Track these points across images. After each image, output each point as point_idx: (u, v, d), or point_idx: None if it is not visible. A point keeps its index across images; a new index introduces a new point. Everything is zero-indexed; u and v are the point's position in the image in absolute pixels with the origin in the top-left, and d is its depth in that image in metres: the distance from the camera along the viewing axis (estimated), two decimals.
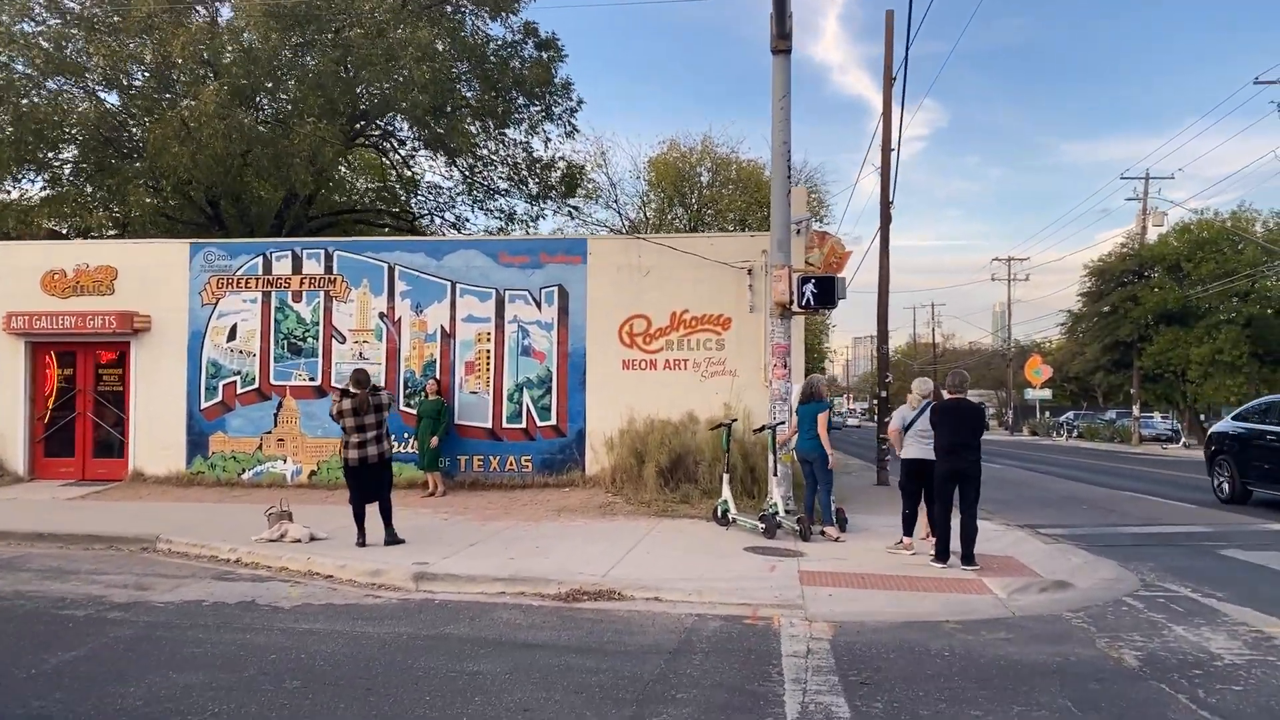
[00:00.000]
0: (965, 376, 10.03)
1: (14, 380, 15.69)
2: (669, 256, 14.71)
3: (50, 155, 18.19)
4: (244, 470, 15.31)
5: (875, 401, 21.37)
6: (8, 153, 16.93)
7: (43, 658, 6.20)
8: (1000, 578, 8.91)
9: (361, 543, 10.16)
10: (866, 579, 8.90)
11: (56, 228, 20.19)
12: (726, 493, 11.88)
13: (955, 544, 9.49)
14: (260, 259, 15.48)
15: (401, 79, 19.47)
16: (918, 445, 10.35)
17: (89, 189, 18.50)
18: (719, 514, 11.88)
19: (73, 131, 17.92)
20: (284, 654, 6.32)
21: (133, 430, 15.58)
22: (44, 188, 18.47)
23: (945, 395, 10.04)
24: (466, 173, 24.11)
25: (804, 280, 12.53)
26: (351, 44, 18.18)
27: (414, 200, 26.86)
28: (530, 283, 14.97)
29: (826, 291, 12.48)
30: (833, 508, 11.42)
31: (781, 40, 12.55)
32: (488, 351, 15.03)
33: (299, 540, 10.37)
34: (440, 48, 21.65)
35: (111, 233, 20.54)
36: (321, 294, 15.35)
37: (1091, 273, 46.03)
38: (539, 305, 14.97)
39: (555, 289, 14.94)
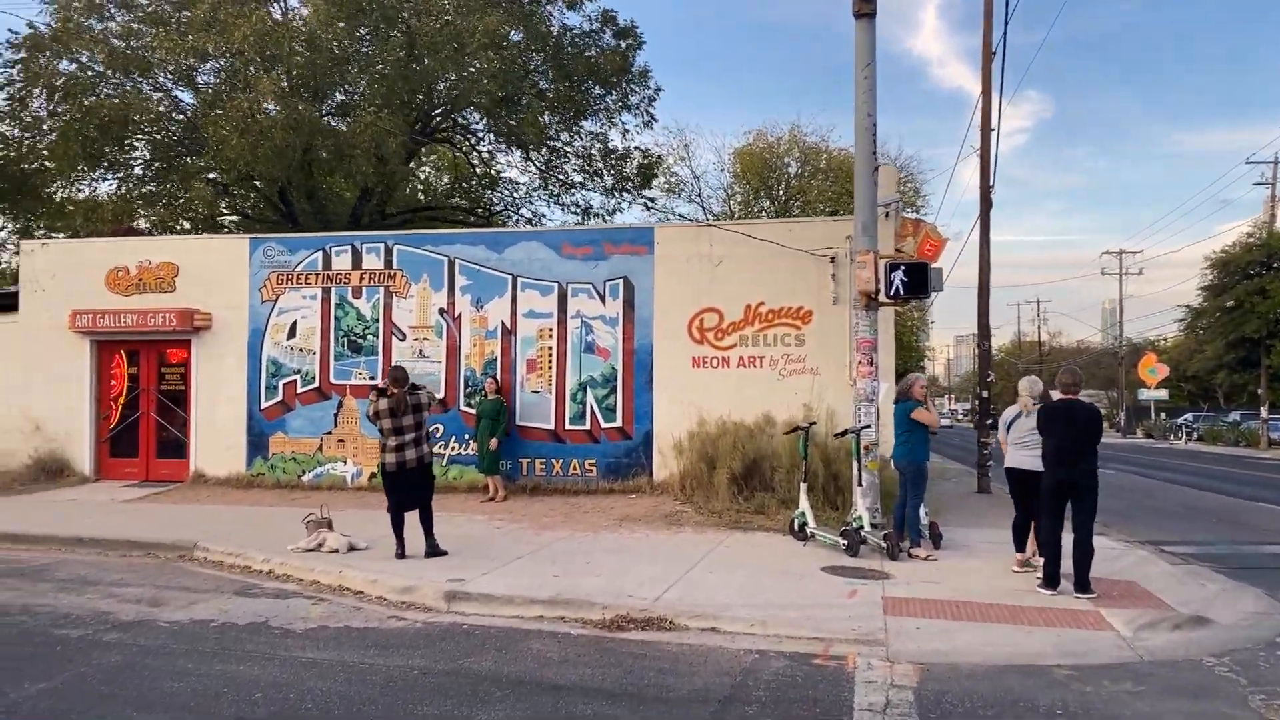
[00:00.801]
0: (1078, 374, 8.67)
1: (80, 379, 15.53)
2: (743, 245, 13.59)
3: (118, 152, 18.12)
4: (304, 472, 14.80)
5: (976, 402, 19.79)
6: (75, 149, 16.91)
7: (4, 691, 5.51)
8: (1122, 609, 7.57)
9: (401, 554, 9.37)
10: (962, 608, 7.66)
11: (144, 225, 20.18)
12: (804, 504, 10.71)
13: (1066, 566, 8.17)
14: (320, 254, 14.95)
15: (472, 69, 18.80)
16: (1020, 452, 9.06)
17: (152, 187, 18.34)
18: (796, 527, 10.73)
19: (140, 127, 17.79)
20: (271, 692, 5.49)
21: (194, 430, 15.25)
22: (115, 185, 18.46)
23: (1055, 395, 8.72)
24: (542, 166, 23.39)
25: (892, 267, 11.26)
26: (418, 32, 17.59)
27: (491, 196, 26.29)
28: (594, 275, 14.05)
29: (918, 280, 11.19)
30: (924, 522, 10.17)
31: (864, 3, 11.31)
32: (550, 349, 14.17)
33: (336, 550, 9.65)
34: (515, 38, 20.98)
35: (187, 230, 20.45)
36: (381, 290, 14.73)
37: (1213, 265, 42.94)
38: (603, 299, 14.03)
39: (620, 282, 13.98)
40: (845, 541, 9.88)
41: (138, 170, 18.42)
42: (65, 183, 17.93)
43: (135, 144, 18.54)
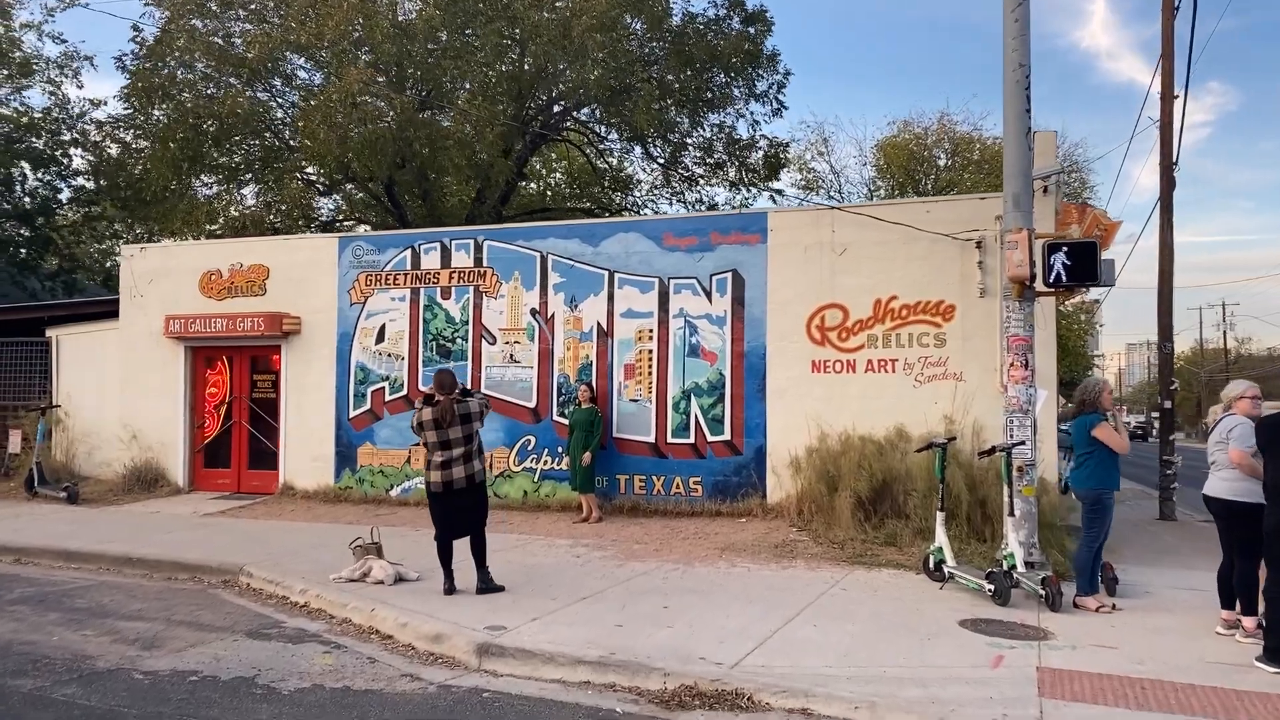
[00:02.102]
0: None
1: (174, 387, 15.08)
2: (872, 229, 11.67)
3: (216, 154, 17.82)
4: (391, 486, 13.79)
5: (1157, 413, 17.00)
6: (173, 152, 16.63)
7: None
8: None
9: (449, 590, 8.00)
10: (1150, 690, 5.64)
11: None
12: (941, 536, 8.75)
13: None
14: (408, 252, 13.94)
15: (580, 55, 17.52)
16: (1222, 479, 6.92)
17: (250, 189, 17.99)
18: (931, 565, 8.79)
19: (236, 126, 17.41)
20: None
21: (283, 440, 14.51)
22: (213, 188, 18.17)
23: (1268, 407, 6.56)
24: (664, 161, 21.93)
25: (1052, 248, 9.16)
26: (519, 15, 16.48)
27: (612, 196, 25.06)
28: (699, 269, 12.42)
29: (1085, 262, 9.06)
30: (1098, 563, 8.06)
31: None
32: (649, 352, 12.62)
33: (381, 582, 8.38)
34: (636, 27, 19.70)
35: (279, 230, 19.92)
36: (471, 289, 13.57)
37: None
38: (709, 296, 12.38)
39: (729, 275, 12.29)
40: (991, 586, 7.90)
41: (236, 171, 18.05)
42: (164, 186, 17.77)
43: (233, 145, 18.21)
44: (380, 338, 14.02)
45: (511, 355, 13.29)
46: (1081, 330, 34.03)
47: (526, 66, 19.35)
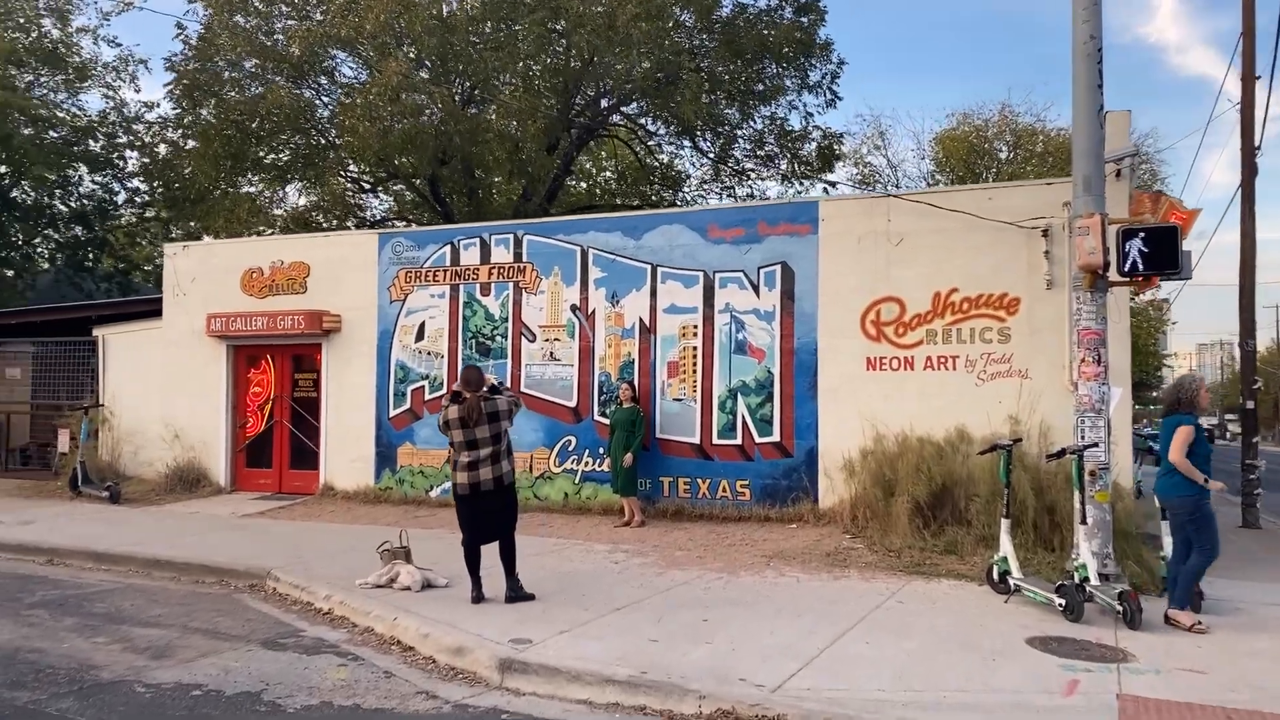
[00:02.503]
0: None
1: (216, 386, 14.95)
2: (931, 218, 11.01)
3: (259, 151, 17.69)
4: (431, 486, 13.45)
5: (1231, 415, 15.98)
6: (217, 149, 16.53)
7: None
8: None
9: (477, 597, 7.58)
10: None
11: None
12: (1006, 545, 8.09)
13: None
14: (448, 248, 13.60)
15: (628, 49, 17.04)
16: None
17: (295, 185, 17.78)
18: (995, 576, 8.14)
19: (278, 122, 17.27)
20: None
21: (323, 440, 14.27)
22: (257, 184, 18.01)
23: None
24: (714, 154, 21.33)
25: (1127, 234, 8.47)
26: (563, 5, 16.05)
27: (662, 193, 24.55)
28: (745, 262, 11.86)
29: (1163, 249, 8.37)
30: (1198, 579, 7.34)
31: None
32: (694, 349, 12.09)
33: (408, 588, 7.99)
34: (685, 19, 19.19)
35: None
36: (510, 285, 13.18)
37: None
38: (756, 290, 11.81)
39: (777, 268, 11.72)
40: (1062, 601, 7.24)
41: (281, 171, 17.90)
42: (209, 185, 17.71)
43: (278, 143, 18.08)
44: (420, 335, 13.70)
45: (551, 353, 12.87)
46: (1152, 328, 32.67)
47: (572, 60, 18.94)
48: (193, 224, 20.61)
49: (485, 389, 7.72)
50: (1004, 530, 8.11)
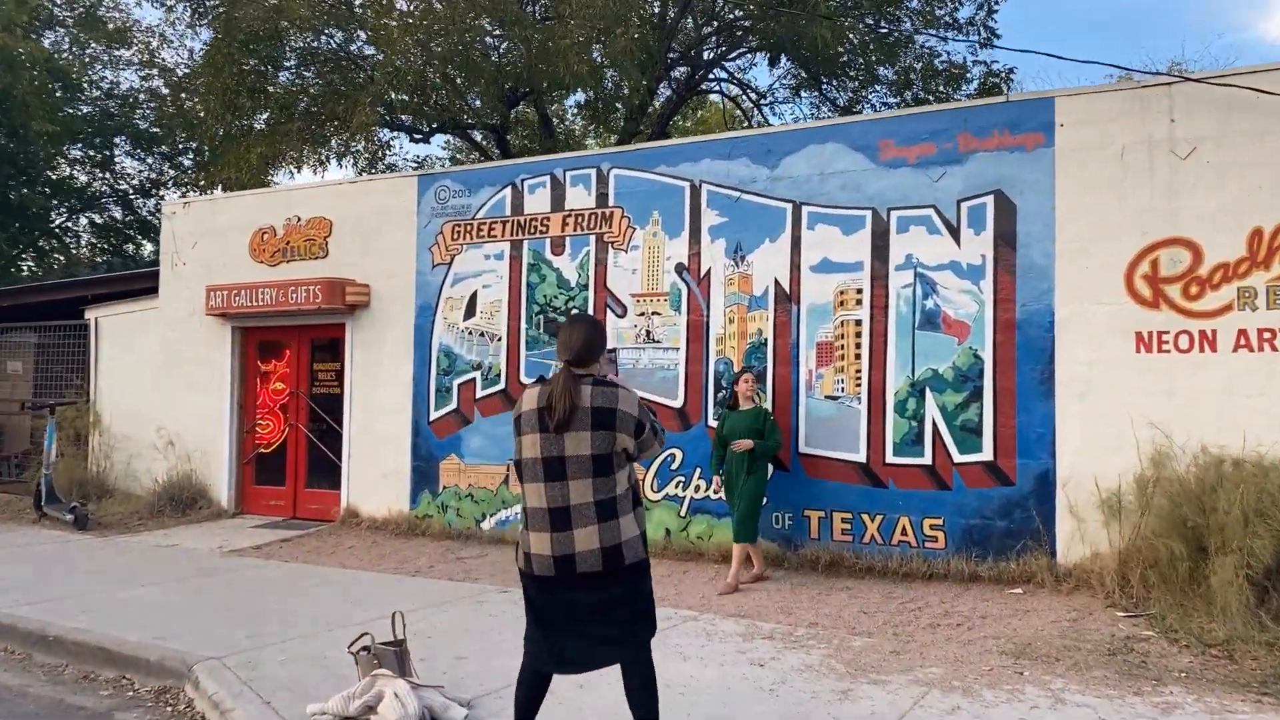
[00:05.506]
0: None
1: (219, 379, 11.74)
2: (1242, 114, 7.03)
3: (273, 78, 14.45)
4: (484, 515, 9.96)
5: None
6: (227, 81, 13.31)
7: None
8: None
9: None
10: None
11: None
12: None
13: None
14: (508, 191, 10.10)
15: None
16: None
17: (311, 123, 14.47)
18: None
19: (294, 40, 14.06)
20: None
21: (347, 450, 10.91)
22: (268, 120, 14.82)
23: None
24: (844, 103, 17.39)
25: None
26: None
27: None
28: (938, 193, 8.01)
29: None
30: None
31: None
32: (857, 323, 8.28)
33: None
34: None
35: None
36: (592, 240, 9.60)
37: None
38: (955, 234, 7.95)
39: (988, 201, 7.83)
40: None
41: (302, 104, 14.69)
42: (219, 127, 14.67)
43: (295, 68, 14.83)
44: (471, 310, 10.23)
45: (648, 332, 9.23)
46: None
47: None
48: (202, 184, 17.63)
49: (602, 362, 4.00)
50: None
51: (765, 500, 8.01)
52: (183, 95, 16.72)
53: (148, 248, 23.11)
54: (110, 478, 12.51)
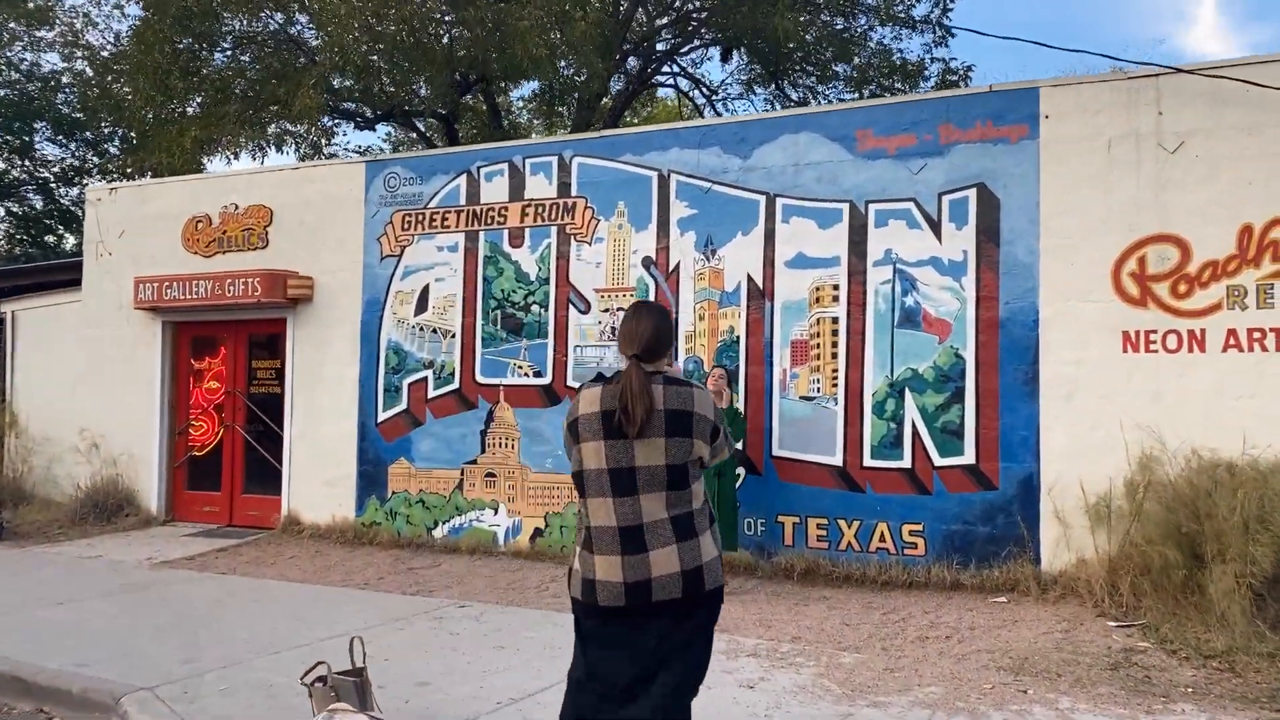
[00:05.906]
0: None
1: (148, 376, 11.00)
2: (1232, 108, 6.86)
3: (208, 60, 13.62)
4: (436, 522, 9.42)
5: None
6: (157, 59, 12.45)
7: None
8: None
9: None
10: None
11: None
12: None
13: None
14: (463, 179, 9.58)
15: None
16: None
17: (249, 107, 13.69)
18: None
19: (230, 24, 13.30)
20: None
21: (288, 454, 10.27)
22: (203, 103, 14.01)
23: None
24: (799, 99, 17.12)
25: None
26: None
27: None
28: (918, 185, 7.72)
29: None
30: None
31: None
32: (833, 320, 7.95)
33: None
34: None
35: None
36: (553, 231, 9.13)
37: None
38: (936, 228, 7.67)
39: (970, 194, 7.56)
40: None
41: (239, 87, 13.89)
42: (147, 109, 13.82)
43: (231, 50, 14.00)
44: (423, 305, 9.68)
45: (613, 329, 8.79)
46: None
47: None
48: (129, 170, 16.69)
49: (669, 363, 3.44)
50: None
51: (738, 505, 7.65)
52: (109, 78, 15.75)
53: (69, 239, 21.97)
54: (28, 483, 11.65)
